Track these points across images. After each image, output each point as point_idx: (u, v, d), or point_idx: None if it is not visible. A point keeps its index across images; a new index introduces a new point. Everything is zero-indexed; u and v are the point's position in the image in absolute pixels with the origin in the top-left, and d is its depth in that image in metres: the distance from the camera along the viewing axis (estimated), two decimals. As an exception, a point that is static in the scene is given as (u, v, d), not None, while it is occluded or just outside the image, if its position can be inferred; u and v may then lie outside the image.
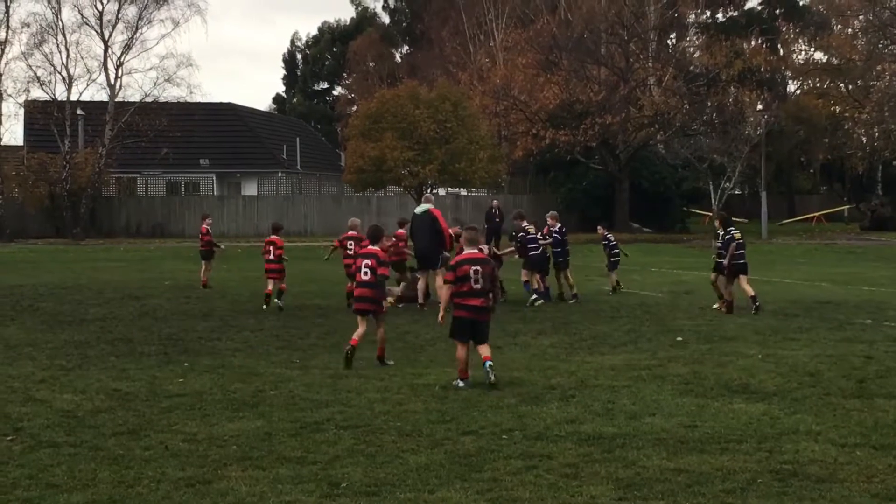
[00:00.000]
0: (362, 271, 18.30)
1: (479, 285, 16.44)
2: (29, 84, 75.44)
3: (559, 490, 10.49)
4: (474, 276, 16.41)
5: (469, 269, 16.45)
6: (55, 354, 19.49)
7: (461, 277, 16.44)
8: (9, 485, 10.74)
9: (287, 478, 10.95)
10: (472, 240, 17.12)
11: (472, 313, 16.51)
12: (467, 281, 16.42)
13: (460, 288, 16.49)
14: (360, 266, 18.44)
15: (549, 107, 72.03)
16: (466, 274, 16.41)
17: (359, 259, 18.76)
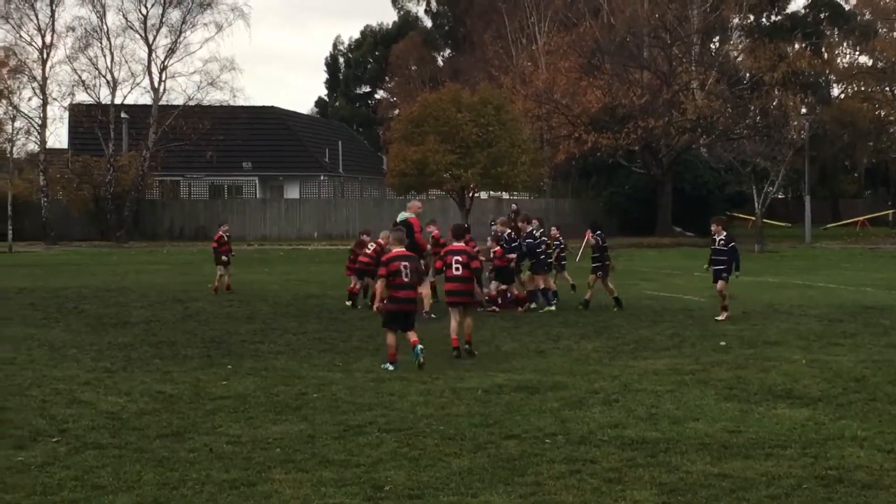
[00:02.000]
0: (454, 267, 19.74)
1: (408, 279, 18.31)
2: (74, 88, 76.05)
3: (602, 494, 10.46)
4: (404, 271, 18.27)
5: (399, 265, 18.31)
6: (100, 357, 19.59)
7: (393, 272, 18.27)
8: (55, 486, 10.80)
9: (330, 480, 10.96)
10: (400, 239, 19.41)
11: (402, 305, 18.39)
12: (398, 276, 18.25)
13: (392, 282, 18.31)
14: (450, 262, 19.81)
15: (592, 110, 71.90)
16: (397, 269, 18.27)
17: (448, 256, 20.02)
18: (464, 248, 20.31)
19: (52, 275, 41.01)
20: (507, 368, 17.98)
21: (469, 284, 19.87)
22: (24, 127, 74.46)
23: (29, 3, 74.46)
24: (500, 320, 25.34)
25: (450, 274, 19.84)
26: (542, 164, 70.04)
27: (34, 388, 16.19)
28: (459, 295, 19.80)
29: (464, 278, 19.77)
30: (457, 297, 19.82)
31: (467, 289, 19.86)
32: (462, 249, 20.14)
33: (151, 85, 76.57)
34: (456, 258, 19.81)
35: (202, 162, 79.23)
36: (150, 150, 74.99)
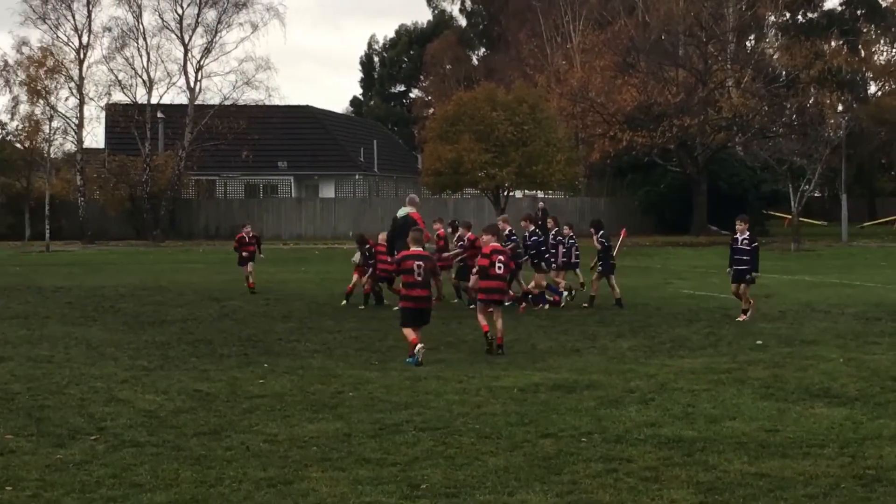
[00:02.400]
0: (496, 266, 20.07)
1: (420, 278, 18.98)
2: (110, 88, 76.45)
3: (639, 493, 10.44)
4: (417, 270, 18.93)
5: (413, 264, 18.99)
6: (137, 355, 19.68)
7: (406, 271, 19.02)
8: (93, 483, 10.86)
9: (367, 479, 10.98)
10: (417, 240, 19.85)
11: (416, 303, 19.09)
12: (411, 274, 18.95)
13: (405, 280, 19.14)
14: (495, 261, 20.06)
15: (627, 109, 71.78)
16: (410, 268, 18.96)
17: (494, 255, 20.19)
18: (504, 248, 20.87)
19: (89, 274, 41.22)
20: (544, 367, 17.97)
21: (505, 283, 20.63)
22: (62, 127, 74.95)
23: (66, 3, 74.93)
24: (536, 319, 25.32)
25: (493, 272, 20.13)
26: (577, 162, 69.96)
27: (72, 386, 16.28)
28: (496, 292, 20.20)
29: (503, 277, 20.37)
30: (493, 294, 20.17)
31: (504, 287, 20.58)
32: (503, 250, 20.65)
33: (187, 84, 76.92)
34: (500, 257, 20.19)
35: (238, 161, 79.45)
36: (185, 150, 75.27)
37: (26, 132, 73.98)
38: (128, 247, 66.05)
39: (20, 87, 73.48)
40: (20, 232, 72.81)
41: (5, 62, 73.42)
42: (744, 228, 25.57)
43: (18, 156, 74.29)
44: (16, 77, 73.51)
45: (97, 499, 10.36)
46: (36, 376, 17.18)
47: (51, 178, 72.35)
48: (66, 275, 40.58)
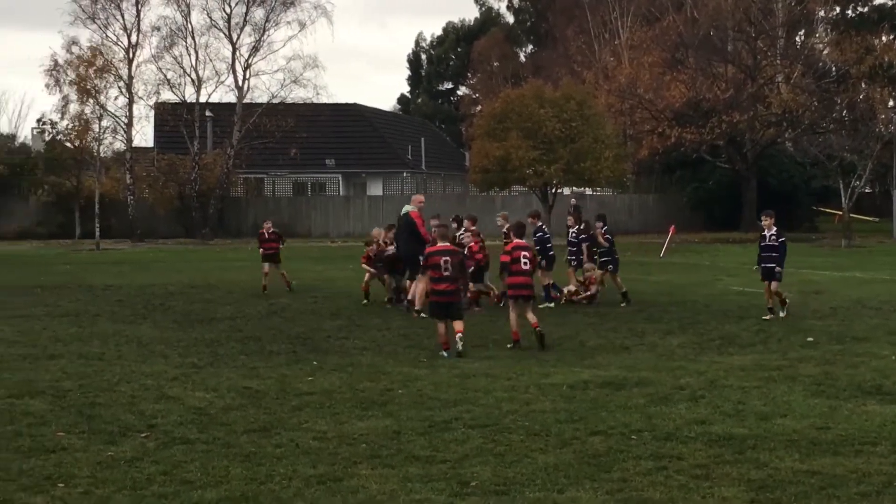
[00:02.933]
0: (522, 262, 20.47)
1: (447, 273, 19.48)
2: (159, 86, 76.73)
3: (690, 491, 10.40)
4: (444, 265, 19.47)
5: (440, 259, 19.59)
6: (187, 352, 19.77)
7: (433, 266, 19.68)
8: (144, 480, 10.92)
9: (416, 476, 10.99)
10: (444, 235, 20.64)
11: (443, 297, 19.56)
12: (438, 269, 19.56)
13: (432, 275, 19.82)
14: (518, 257, 20.47)
15: (676, 105, 71.45)
16: (437, 263, 19.58)
17: (516, 251, 20.60)
18: (528, 244, 21.35)
19: (138, 272, 41.44)
20: (592, 364, 17.94)
21: (531, 278, 20.90)
22: (111, 126, 75.28)
23: (115, 3, 75.29)
24: (585, 316, 25.25)
25: (517, 268, 20.50)
26: (625, 159, 69.64)
27: (123, 383, 16.38)
28: (523, 288, 20.52)
29: (529, 272, 20.71)
30: (521, 290, 20.50)
31: (531, 282, 20.85)
32: (527, 246, 21.14)
33: (235, 83, 77.12)
34: (524, 253, 20.61)
35: (286, 159, 79.64)
36: (234, 148, 75.50)
37: (76, 131, 74.36)
38: (177, 245, 66.36)
39: (70, 87, 73.87)
40: (70, 231, 73.28)
41: (55, 62, 73.84)
42: (770, 224, 25.00)
43: (68, 155, 74.67)
44: (66, 76, 73.90)
45: (148, 496, 10.42)
46: (87, 374, 17.30)
47: (100, 177, 72.71)
48: (116, 273, 40.82)
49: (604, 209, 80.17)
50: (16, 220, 75.01)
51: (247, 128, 75.48)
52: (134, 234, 71.96)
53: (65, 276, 39.61)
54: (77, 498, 10.37)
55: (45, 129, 77.68)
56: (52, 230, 73.62)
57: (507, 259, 20.68)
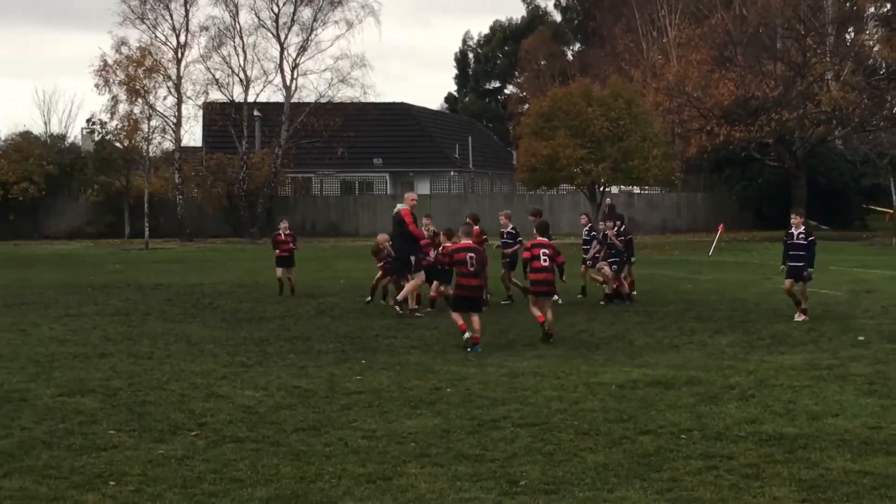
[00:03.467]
0: (542, 259, 21.12)
1: (472, 269, 20.55)
2: (207, 86, 76.99)
3: (740, 491, 10.35)
4: (469, 262, 20.51)
5: (465, 255, 20.57)
6: (235, 351, 19.85)
7: (458, 262, 20.63)
8: (194, 479, 10.97)
9: (465, 475, 10.99)
10: (468, 233, 21.52)
11: (468, 291, 20.61)
12: (464, 265, 20.52)
13: (459, 270, 20.74)
14: (538, 255, 21.14)
15: (724, 103, 70.99)
16: (463, 259, 20.54)
17: (536, 249, 21.29)
18: (550, 243, 21.75)
19: (187, 271, 41.63)
20: (641, 363, 17.89)
21: (553, 275, 21.43)
22: (160, 125, 75.63)
23: (164, 3, 75.64)
24: (634, 315, 25.18)
25: (537, 265, 21.20)
26: (673, 157, 69.31)
27: (173, 382, 16.46)
28: (544, 284, 21.26)
29: (550, 269, 21.27)
30: (542, 286, 21.26)
31: (552, 279, 21.41)
32: (548, 244, 21.59)
33: (283, 83, 77.31)
34: (543, 251, 21.24)
35: (333, 159, 79.74)
36: (282, 148, 75.71)
37: (125, 131, 74.80)
38: (225, 244, 66.64)
39: (119, 87, 74.26)
40: (120, 230, 73.75)
41: (105, 62, 74.27)
42: (799, 222, 24.52)
43: (118, 155, 75.14)
44: (115, 77, 74.32)
45: (198, 494, 10.46)
46: (137, 372, 17.41)
47: (149, 176, 73.11)
48: (165, 272, 41.03)
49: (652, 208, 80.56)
50: (66, 220, 75.58)
51: (294, 127, 75.68)
52: (183, 233, 72.30)
53: (114, 275, 39.87)
54: (128, 496, 10.43)
55: (94, 129, 78.14)
56: (101, 230, 74.12)
57: (529, 255, 21.36)
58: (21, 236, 72.45)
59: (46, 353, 19.67)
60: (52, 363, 18.42)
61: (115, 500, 10.33)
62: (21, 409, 14.37)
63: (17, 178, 73.46)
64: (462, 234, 21.61)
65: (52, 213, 75.97)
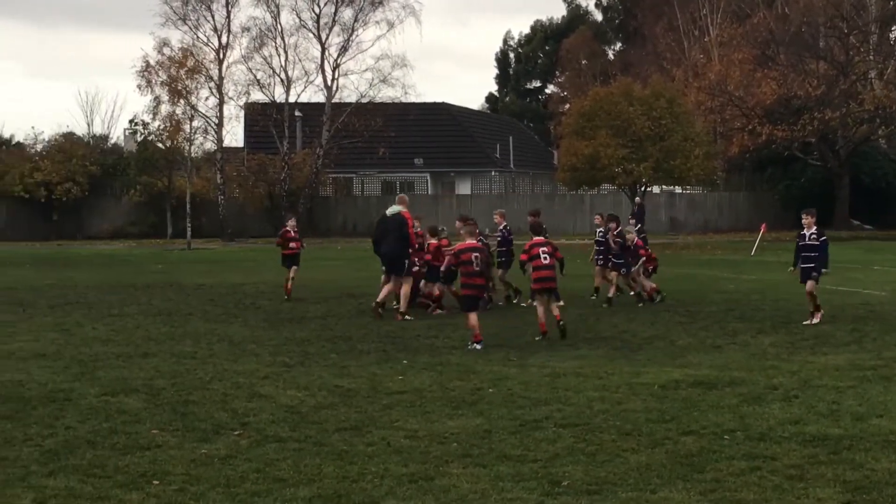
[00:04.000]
0: (542, 257, 21.66)
1: (478, 268, 21.01)
2: (249, 87, 77.30)
3: (784, 492, 10.30)
4: (475, 261, 20.91)
5: (471, 255, 20.94)
6: (277, 351, 19.90)
7: (465, 262, 20.96)
8: (237, 478, 11.00)
9: (508, 475, 10.98)
10: (472, 233, 22.05)
11: (476, 290, 21.09)
12: (470, 265, 20.88)
13: (465, 270, 21.04)
14: (538, 253, 21.69)
15: (766, 102, 70.73)
16: (469, 259, 20.90)
17: (535, 248, 21.82)
18: (546, 240, 22.47)
19: (229, 271, 41.78)
20: (683, 364, 17.83)
21: (554, 272, 21.93)
22: (202, 126, 75.99)
23: (205, 4, 76.00)
24: (675, 315, 25.10)
25: (538, 264, 21.72)
26: (715, 157, 69.07)
27: (215, 381, 16.52)
28: (547, 281, 21.71)
29: (551, 266, 21.78)
30: (544, 283, 21.71)
31: (553, 276, 21.85)
32: (545, 241, 22.24)
33: (324, 83, 77.48)
34: (542, 249, 21.78)
35: (374, 159, 79.87)
36: (323, 148, 75.89)
37: (168, 132, 75.19)
38: (267, 244, 66.73)
39: (161, 88, 74.68)
40: (162, 230, 74.13)
41: (147, 63, 74.67)
42: (811, 222, 24.00)
43: (160, 155, 75.52)
44: (157, 78, 74.73)
45: (242, 493, 10.50)
46: (180, 372, 17.48)
47: (191, 176, 73.42)
48: (207, 272, 41.19)
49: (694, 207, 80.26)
50: (109, 220, 76.07)
51: (336, 127, 75.87)
52: (224, 233, 72.58)
53: (157, 275, 40.05)
54: (171, 495, 10.47)
55: (136, 129, 78.57)
56: (144, 230, 74.55)
57: (526, 257, 21.97)
58: (64, 237, 72.99)
59: (90, 352, 19.79)
60: (96, 363, 18.52)
61: (159, 499, 10.37)
62: (65, 409, 14.46)
63: (60, 178, 74.05)
64: (466, 235, 21.94)
65: (94, 213, 76.50)
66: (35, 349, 20.22)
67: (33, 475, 11.18)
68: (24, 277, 38.68)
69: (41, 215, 75.00)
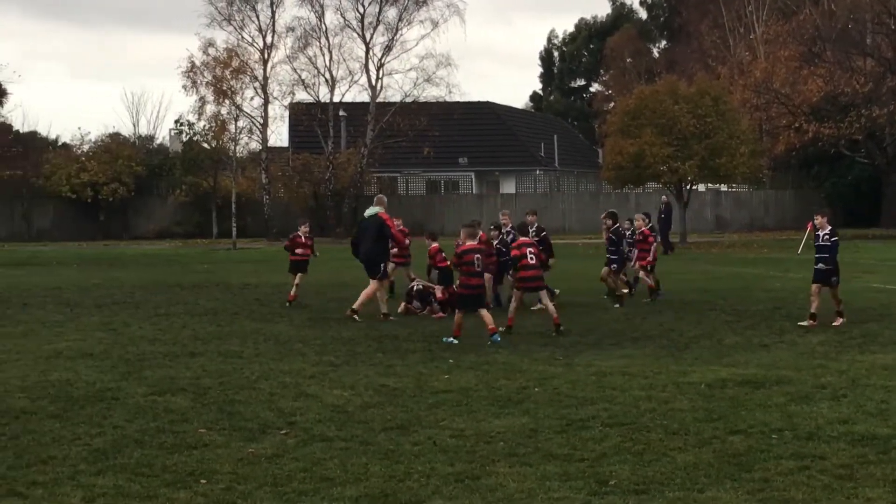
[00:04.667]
0: (528, 257, 22.36)
1: (479, 269, 21.69)
2: (293, 87, 77.53)
3: (833, 492, 10.23)
4: (477, 262, 21.57)
5: (473, 256, 21.57)
6: (323, 351, 19.93)
7: (467, 262, 21.48)
8: (284, 477, 11.02)
9: (554, 475, 10.95)
10: (472, 234, 22.49)
11: (474, 290, 21.67)
12: (472, 265, 21.48)
13: (465, 270, 21.52)
14: (525, 253, 22.38)
15: (812, 100, 70.34)
16: (471, 260, 21.53)
17: (522, 248, 22.57)
18: (531, 241, 23.42)
19: (274, 271, 41.79)
20: (731, 363, 17.74)
21: (541, 271, 22.98)
22: (247, 126, 76.32)
23: (250, 5, 76.32)
24: (721, 314, 24.99)
25: (525, 263, 22.41)
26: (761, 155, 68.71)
27: (262, 381, 16.56)
28: (533, 281, 22.65)
29: (536, 266, 22.64)
30: (529, 283, 22.65)
31: (540, 275, 22.84)
32: (531, 242, 23.19)
33: (369, 82, 77.65)
34: (529, 249, 22.54)
35: (419, 158, 79.98)
36: (367, 147, 76.06)
37: (213, 132, 75.55)
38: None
39: (207, 88, 75.04)
40: (207, 230, 74.48)
41: (192, 63, 75.03)
42: (823, 222, 23.20)
43: (205, 155, 75.88)
44: (202, 78, 75.08)
45: (289, 492, 10.51)
46: (226, 371, 17.53)
47: (237, 176, 73.70)
48: (253, 272, 41.34)
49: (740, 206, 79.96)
50: (154, 220, 76.53)
51: (380, 127, 76.01)
52: (269, 232, 72.82)
53: (203, 275, 40.22)
54: (219, 494, 10.50)
55: (182, 129, 79.01)
56: (189, 229, 74.94)
57: (517, 254, 22.60)
58: (110, 236, 73.49)
59: (137, 352, 19.89)
60: (143, 362, 18.60)
61: (207, 498, 10.40)
62: (113, 408, 14.53)
63: (106, 179, 74.57)
64: (466, 237, 22.37)
65: (140, 213, 76.98)
66: (82, 348, 20.34)
67: (82, 474, 11.23)
68: (71, 277, 38.94)
69: (87, 215, 75.52)
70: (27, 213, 76.80)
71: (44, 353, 19.86)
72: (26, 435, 12.96)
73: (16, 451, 12.16)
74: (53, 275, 40.65)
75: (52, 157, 78.78)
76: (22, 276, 40.49)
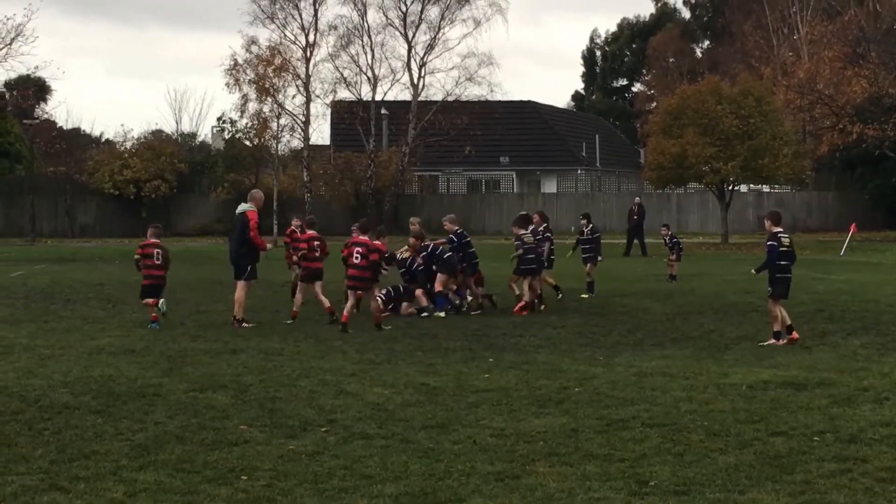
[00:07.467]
0: (354, 256, 23.32)
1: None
2: (336, 85, 77.55)
3: (875, 495, 10.19)
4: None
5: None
6: (364, 349, 19.96)
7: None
8: (325, 474, 11.05)
9: (594, 475, 10.95)
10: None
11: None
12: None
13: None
14: (352, 252, 23.46)
15: (857, 101, 69.89)
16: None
17: (352, 247, 23.77)
18: (366, 241, 23.56)
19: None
20: (772, 364, 17.67)
21: (366, 272, 23.23)
22: (289, 124, 76.33)
23: (293, 2, 76.34)
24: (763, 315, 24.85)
25: (352, 262, 23.33)
26: (804, 156, 68.32)
27: (302, 378, 16.60)
28: (356, 280, 23.38)
29: (361, 266, 23.14)
30: (353, 280, 23.43)
31: (364, 275, 23.27)
32: (365, 242, 23.44)
33: (411, 81, 77.66)
34: (357, 249, 23.23)
35: (460, 157, 79.91)
36: (409, 146, 76.10)
37: (255, 130, 75.61)
38: (353, 242, 67.04)
39: (249, 86, 75.07)
40: (249, 227, 74.61)
41: (235, 61, 75.16)
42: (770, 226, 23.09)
43: (247, 153, 76.03)
44: (245, 76, 75.17)
45: (329, 489, 10.55)
46: (267, 368, 17.60)
47: (278, 174, 73.81)
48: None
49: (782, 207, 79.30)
50: (196, 218, 76.80)
51: (422, 125, 76.02)
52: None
53: (244, 272, 40.23)
54: (259, 490, 10.54)
55: (224, 127, 79.07)
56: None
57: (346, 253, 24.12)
58: (153, 233, 73.65)
59: (178, 348, 19.98)
60: (184, 359, 18.69)
61: (247, 494, 10.45)
62: (155, 404, 14.61)
63: (149, 176, 74.91)
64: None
65: (182, 210, 77.27)
66: (124, 345, 20.45)
67: (124, 469, 11.31)
68: (113, 274, 39.10)
69: (130, 212, 75.83)
70: (70, 210, 77.21)
71: (86, 348, 20.00)
72: (69, 430, 13.05)
73: (58, 446, 12.25)
74: (96, 271, 40.88)
75: (96, 154, 79.15)
76: (65, 272, 40.73)
